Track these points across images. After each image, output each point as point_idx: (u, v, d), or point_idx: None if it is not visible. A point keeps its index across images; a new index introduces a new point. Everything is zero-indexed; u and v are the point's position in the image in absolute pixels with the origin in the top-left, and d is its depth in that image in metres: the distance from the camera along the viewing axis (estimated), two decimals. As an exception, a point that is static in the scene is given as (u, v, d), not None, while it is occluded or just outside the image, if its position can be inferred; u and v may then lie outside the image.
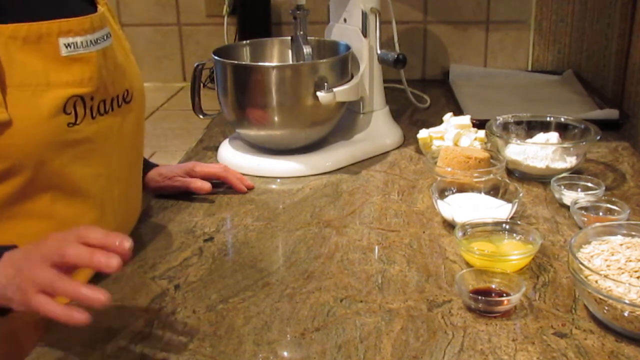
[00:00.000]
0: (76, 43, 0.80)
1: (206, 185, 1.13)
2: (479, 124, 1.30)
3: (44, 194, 0.81)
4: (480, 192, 1.08)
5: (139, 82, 0.96)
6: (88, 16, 0.83)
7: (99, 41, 0.84)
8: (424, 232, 1.02)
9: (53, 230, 0.81)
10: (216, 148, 1.35)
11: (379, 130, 1.38)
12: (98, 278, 0.88)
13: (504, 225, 0.96)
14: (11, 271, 0.70)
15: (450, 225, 1.02)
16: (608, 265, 0.80)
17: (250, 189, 1.18)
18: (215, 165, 1.19)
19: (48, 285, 0.67)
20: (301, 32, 1.29)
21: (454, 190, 1.08)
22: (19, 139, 0.77)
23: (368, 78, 1.34)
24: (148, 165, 1.14)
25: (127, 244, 0.70)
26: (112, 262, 0.67)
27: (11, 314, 0.74)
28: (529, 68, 1.89)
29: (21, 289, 0.68)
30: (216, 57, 1.24)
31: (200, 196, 1.14)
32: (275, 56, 1.40)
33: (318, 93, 1.19)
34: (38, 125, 0.78)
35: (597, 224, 0.90)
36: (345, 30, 1.35)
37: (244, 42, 1.40)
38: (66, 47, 0.80)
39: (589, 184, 1.11)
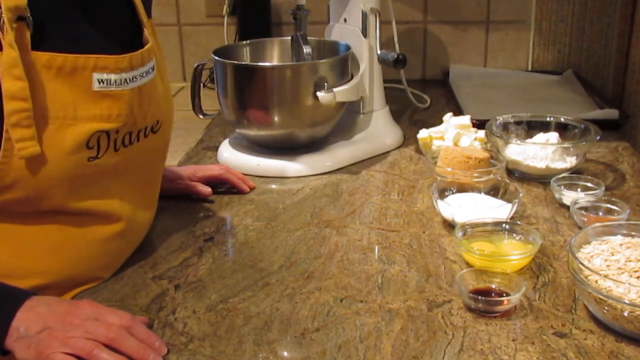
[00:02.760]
0: (110, 80, 0.78)
1: (207, 190, 1.13)
2: (479, 124, 1.30)
3: (55, 214, 0.80)
4: (480, 192, 1.08)
5: (171, 109, 0.94)
6: (128, 55, 0.80)
7: (136, 79, 0.81)
8: (424, 232, 1.02)
9: (65, 239, 0.82)
10: (216, 148, 1.35)
11: (379, 130, 1.38)
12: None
13: (504, 225, 0.96)
14: (35, 327, 0.70)
15: (450, 225, 1.02)
16: (608, 265, 0.80)
17: (252, 188, 1.18)
18: (216, 168, 1.18)
19: (86, 353, 0.69)
20: (301, 32, 1.29)
21: (454, 190, 1.08)
22: (39, 172, 0.74)
23: (368, 78, 1.34)
24: None
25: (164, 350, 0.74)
26: None
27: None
28: (529, 68, 1.89)
29: (43, 344, 0.69)
30: (216, 57, 1.24)
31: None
32: (275, 56, 1.40)
33: (318, 93, 1.19)
34: (58, 160, 0.75)
35: (597, 224, 0.90)
36: (345, 30, 1.35)
37: (244, 42, 1.40)
38: (99, 82, 0.77)
39: (589, 184, 1.11)
